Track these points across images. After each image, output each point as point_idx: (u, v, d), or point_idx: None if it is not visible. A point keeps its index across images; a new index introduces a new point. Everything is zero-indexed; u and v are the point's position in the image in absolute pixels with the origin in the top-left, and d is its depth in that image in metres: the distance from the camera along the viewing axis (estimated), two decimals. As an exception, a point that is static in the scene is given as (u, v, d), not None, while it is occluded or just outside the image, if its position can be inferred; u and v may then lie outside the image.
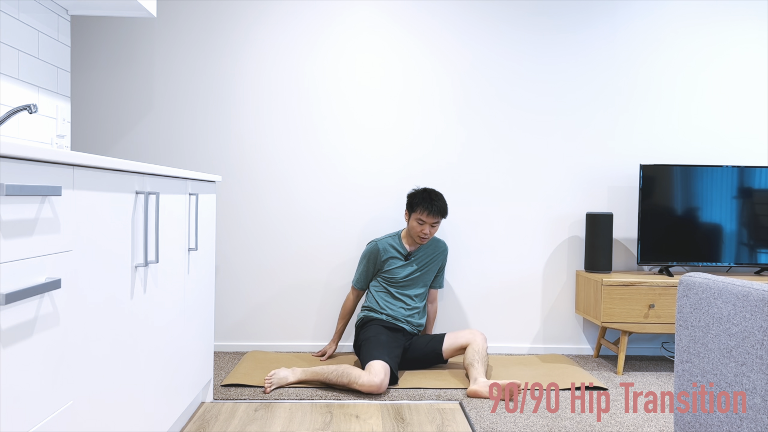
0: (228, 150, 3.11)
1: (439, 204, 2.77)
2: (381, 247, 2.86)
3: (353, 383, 2.43)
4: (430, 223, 2.78)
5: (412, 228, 2.81)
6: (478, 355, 2.63)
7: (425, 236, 2.80)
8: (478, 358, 2.61)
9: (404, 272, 2.85)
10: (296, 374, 2.54)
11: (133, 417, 1.48)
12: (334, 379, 2.49)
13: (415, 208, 2.78)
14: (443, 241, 2.98)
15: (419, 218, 2.78)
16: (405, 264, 2.85)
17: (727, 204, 2.99)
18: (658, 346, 3.24)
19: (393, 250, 2.86)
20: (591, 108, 3.19)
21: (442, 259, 2.95)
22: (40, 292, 1.00)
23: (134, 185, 1.46)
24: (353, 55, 3.13)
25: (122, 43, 3.07)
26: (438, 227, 2.85)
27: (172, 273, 1.79)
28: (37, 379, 1.03)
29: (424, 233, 2.79)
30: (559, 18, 3.16)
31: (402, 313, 2.82)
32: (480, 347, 2.66)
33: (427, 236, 2.80)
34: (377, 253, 2.86)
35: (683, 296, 1.46)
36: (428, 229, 2.79)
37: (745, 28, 3.21)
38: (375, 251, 2.86)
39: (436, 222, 2.79)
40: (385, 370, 2.45)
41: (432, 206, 2.76)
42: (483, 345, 2.68)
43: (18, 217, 0.96)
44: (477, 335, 2.73)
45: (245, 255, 3.12)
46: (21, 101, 2.19)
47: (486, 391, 2.43)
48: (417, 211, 2.78)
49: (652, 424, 2.20)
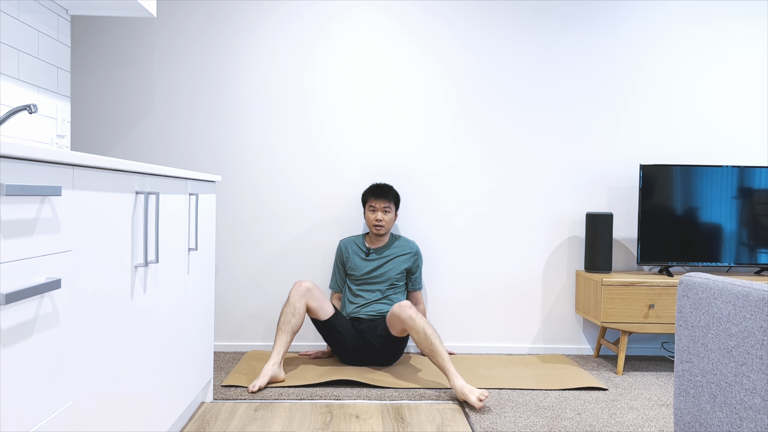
0: (228, 150, 3.11)
1: (384, 186, 2.89)
2: (343, 245, 2.97)
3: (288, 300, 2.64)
4: (380, 209, 2.85)
5: (367, 220, 2.89)
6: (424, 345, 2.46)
7: (379, 223, 2.84)
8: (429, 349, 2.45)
9: (365, 268, 2.89)
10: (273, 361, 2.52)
11: (133, 417, 1.48)
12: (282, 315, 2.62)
13: (366, 199, 2.89)
14: (414, 242, 3.01)
15: (370, 206, 2.87)
16: (365, 260, 2.90)
17: (727, 204, 2.99)
18: (658, 346, 3.24)
19: (355, 246, 2.95)
20: (591, 108, 3.19)
21: (413, 259, 2.96)
22: (40, 292, 1.00)
23: (134, 185, 1.46)
24: (353, 55, 3.13)
25: (122, 43, 3.07)
26: (392, 214, 2.88)
27: (172, 273, 1.79)
28: (37, 379, 1.03)
29: (377, 219, 2.84)
30: (559, 18, 3.16)
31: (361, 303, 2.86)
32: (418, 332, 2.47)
33: (382, 223, 2.84)
34: (341, 251, 2.97)
35: (683, 296, 1.46)
36: (380, 214, 2.84)
37: (746, 28, 3.21)
38: (339, 250, 2.99)
39: (387, 207, 2.85)
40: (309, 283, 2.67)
41: (377, 189, 2.87)
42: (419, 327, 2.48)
43: (18, 217, 0.96)
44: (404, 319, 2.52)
45: (245, 255, 3.12)
46: (21, 101, 2.19)
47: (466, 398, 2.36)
48: (368, 201, 2.88)
49: (652, 424, 2.20)
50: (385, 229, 2.88)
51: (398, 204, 2.97)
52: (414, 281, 3.01)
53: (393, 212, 2.90)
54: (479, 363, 2.95)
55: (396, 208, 2.94)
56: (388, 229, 2.90)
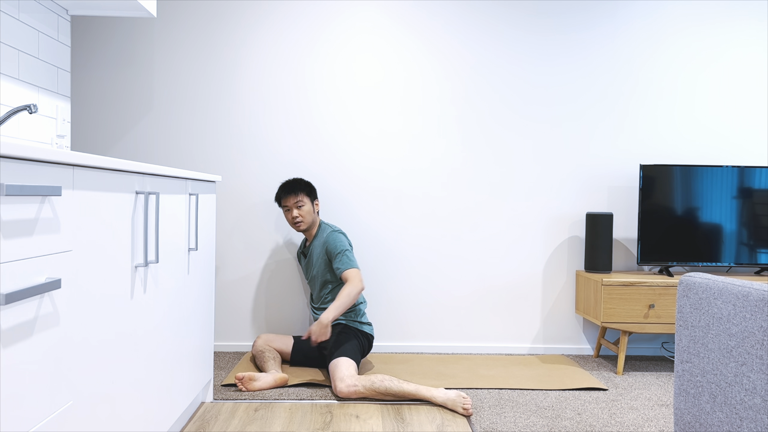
0: (228, 150, 3.11)
1: (291, 181, 2.78)
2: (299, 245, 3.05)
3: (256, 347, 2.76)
4: (292, 205, 2.76)
5: (287, 221, 2.80)
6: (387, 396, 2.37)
7: (296, 219, 2.75)
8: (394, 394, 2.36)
9: (305, 270, 2.90)
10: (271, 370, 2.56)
11: (133, 417, 1.48)
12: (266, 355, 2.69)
13: (278, 201, 2.83)
14: (332, 225, 2.82)
15: (284, 205, 2.80)
16: (304, 260, 2.91)
17: (727, 204, 2.99)
18: (658, 346, 3.24)
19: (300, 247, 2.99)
20: (592, 108, 3.19)
21: (324, 246, 2.74)
22: (40, 292, 1.00)
23: (134, 185, 1.46)
24: (353, 55, 3.13)
25: (122, 43, 3.07)
26: (307, 206, 2.74)
27: (172, 273, 1.79)
28: (37, 379, 1.03)
29: (293, 217, 2.76)
30: (559, 18, 3.16)
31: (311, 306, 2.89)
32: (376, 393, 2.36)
33: (298, 218, 2.74)
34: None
35: (683, 296, 1.46)
36: (295, 211, 2.75)
37: (746, 29, 3.21)
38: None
39: (298, 201, 2.74)
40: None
41: (285, 187, 2.77)
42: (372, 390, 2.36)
43: (18, 217, 0.96)
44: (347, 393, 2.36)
45: (245, 255, 3.12)
46: (21, 101, 2.19)
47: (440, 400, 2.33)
48: (281, 202, 2.81)
49: (652, 424, 2.20)
50: (306, 224, 2.75)
51: (312, 193, 2.79)
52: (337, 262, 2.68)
53: (309, 203, 2.75)
54: (479, 363, 2.95)
55: (312, 198, 2.78)
56: (308, 223, 2.76)
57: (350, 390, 2.34)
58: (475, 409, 2.30)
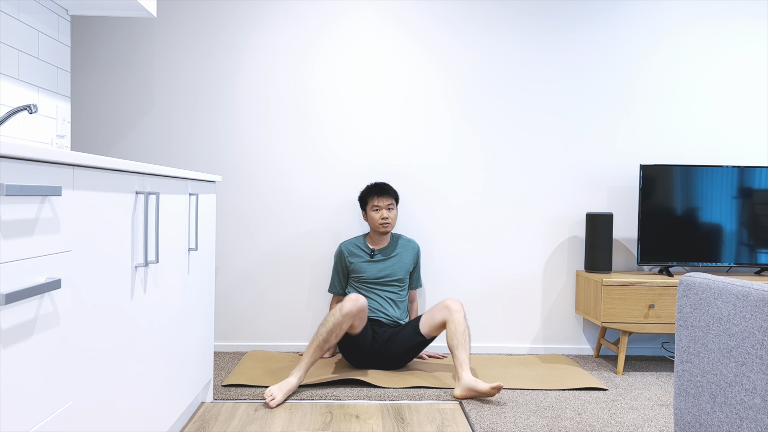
0: (228, 150, 3.11)
1: (383, 184, 2.88)
2: (344, 248, 2.93)
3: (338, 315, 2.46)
4: (384, 207, 2.84)
5: (371, 220, 2.86)
6: (458, 339, 2.51)
7: (386, 221, 2.83)
8: (458, 344, 2.51)
9: (371, 270, 2.87)
10: (296, 376, 2.42)
11: (133, 417, 1.48)
12: (325, 333, 2.46)
13: (367, 199, 2.87)
14: (414, 240, 3.03)
15: (374, 205, 2.85)
16: (371, 261, 2.88)
17: (727, 204, 2.99)
18: (658, 346, 3.24)
19: (357, 249, 2.92)
20: (591, 108, 3.19)
21: (414, 258, 2.97)
22: (40, 292, 1.00)
23: (134, 185, 1.46)
24: (353, 55, 3.13)
25: (122, 43, 3.07)
26: (395, 211, 2.89)
27: (172, 273, 1.79)
28: (37, 379, 1.03)
29: (383, 218, 2.82)
30: (559, 18, 3.16)
31: (375, 308, 2.84)
32: (458, 327, 2.54)
33: (388, 221, 2.83)
34: (341, 255, 2.93)
35: (683, 296, 1.46)
36: (385, 212, 2.83)
37: (746, 28, 3.21)
38: (339, 254, 2.95)
39: (390, 204, 2.85)
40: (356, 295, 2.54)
41: (380, 189, 2.85)
42: (461, 322, 2.55)
43: (18, 217, 0.96)
44: (453, 313, 2.58)
45: (245, 255, 3.12)
46: (21, 101, 2.19)
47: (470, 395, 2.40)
48: (370, 201, 2.86)
49: (652, 424, 2.20)
50: (392, 227, 2.88)
51: (398, 201, 2.98)
52: (414, 280, 3.02)
53: (396, 209, 2.91)
54: (479, 363, 2.95)
55: (397, 205, 2.96)
56: (393, 227, 2.90)
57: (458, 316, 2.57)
58: (475, 409, 2.30)
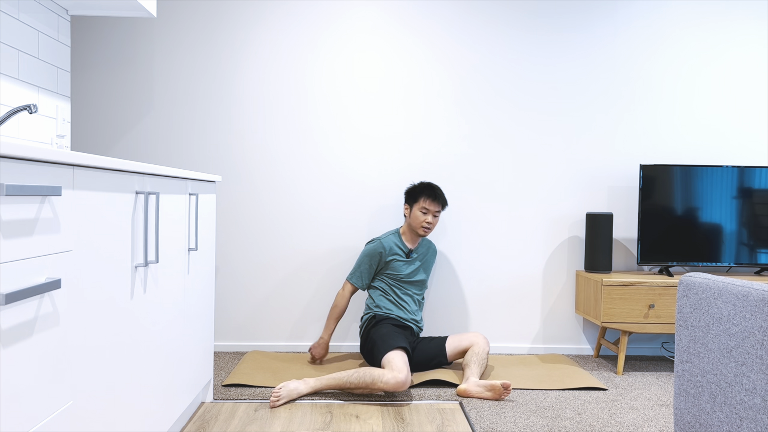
0: (228, 150, 3.11)
1: (439, 189, 2.83)
2: (387, 246, 2.82)
3: (377, 382, 2.33)
4: (433, 212, 2.79)
5: (414, 218, 2.79)
6: (477, 357, 2.64)
7: (429, 225, 2.79)
8: (476, 360, 2.62)
9: (407, 270, 2.84)
10: (309, 384, 2.40)
11: (133, 417, 1.48)
12: (355, 382, 2.36)
13: (418, 198, 2.79)
14: (433, 242, 3.05)
15: (424, 207, 2.78)
16: (407, 261, 2.84)
17: (727, 204, 2.99)
18: (658, 346, 3.24)
19: (397, 248, 2.84)
20: (592, 108, 3.19)
21: (434, 259, 2.99)
22: (40, 292, 1.00)
23: (134, 185, 1.46)
24: (353, 55, 3.13)
25: (122, 43, 3.07)
26: (438, 220, 2.87)
27: (172, 273, 1.79)
28: (37, 379, 1.03)
29: (428, 222, 2.78)
30: (559, 18, 3.16)
31: (408, 311, 2.81)
32: (481, 350, 2.67)
33: (431, 226, 2.80)
34: (382, 253, 2.81)
35: (683, 296, 1.46)
36: (431, 218, 2.79)
37: (746, 28, 3.21)
38: (379, 250, 2.81)
39: (438, 211, 2.81)
40: (405, 363, 2.40)
41: (435, 194, 2.79)
42: (484, 348, 2.68)
43: (18, 217, 0.96)
44: (480, 338, 2.73)
45: (245, 255, 3.12)
46: (21, 101, 2.19)
47: (475, 391, 2.44)
48: (420, 201, 2.78)
49: (652, 424, 2.20)
50: (431, 232, 2.91)
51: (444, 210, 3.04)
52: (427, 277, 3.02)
53: (438, 217, 2.87)
54: (479, 363, 2.95)
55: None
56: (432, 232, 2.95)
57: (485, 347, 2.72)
58: (475, 409, 2.30)
